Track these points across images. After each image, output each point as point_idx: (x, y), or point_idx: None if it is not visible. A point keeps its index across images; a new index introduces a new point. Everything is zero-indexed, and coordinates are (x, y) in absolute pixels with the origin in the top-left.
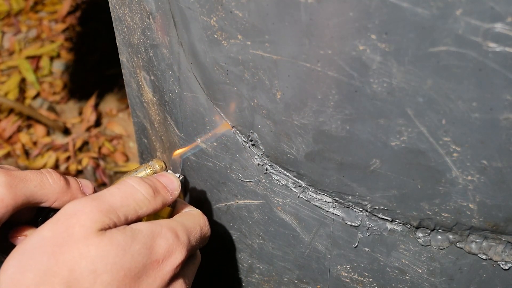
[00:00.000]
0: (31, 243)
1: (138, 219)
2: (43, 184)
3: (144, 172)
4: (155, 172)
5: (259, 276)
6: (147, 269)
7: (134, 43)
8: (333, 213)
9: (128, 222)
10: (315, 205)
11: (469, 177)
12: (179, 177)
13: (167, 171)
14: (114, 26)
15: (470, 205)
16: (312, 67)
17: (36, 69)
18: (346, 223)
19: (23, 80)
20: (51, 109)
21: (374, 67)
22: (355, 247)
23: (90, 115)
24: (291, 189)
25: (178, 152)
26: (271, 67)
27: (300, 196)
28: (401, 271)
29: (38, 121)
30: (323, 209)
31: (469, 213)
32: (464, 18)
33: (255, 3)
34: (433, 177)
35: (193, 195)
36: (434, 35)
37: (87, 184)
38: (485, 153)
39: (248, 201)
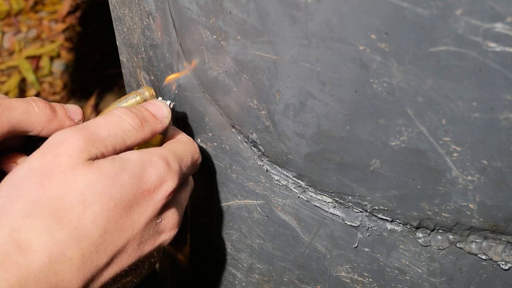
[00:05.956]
0: (19, 174)
1: (128, 149)
2: (29, 112)
3: (134, 99)
4: (145, 100)
5: (259, 276)
6: (138, 198)
7: (134, 43)
8: (333, 214)
9: (117, 152)
10: (315, 205)
11: (469, 177)
12: (169, 105)
13: (157, 98)
14: (114, 26)
15: (470, 205)
16: (312, 67)
17: (36, 69)
18: (346, 223)
19: (23, 80)
20: None
21: (374, 67)
22: (355, 247)
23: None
24: (291, 189)
25: (171, 77)
26: (271, 67)
27: (300, 196)
28: (401, 272)
29: None
30: (323, 209)
31: (469, 213)
32: (464, 18)
33: (255, 3)
34: (433, 177)
35: (193, 195)
36: (434, 35)
37: (74, 110)
38: (485, 153)
39: (248, 201)
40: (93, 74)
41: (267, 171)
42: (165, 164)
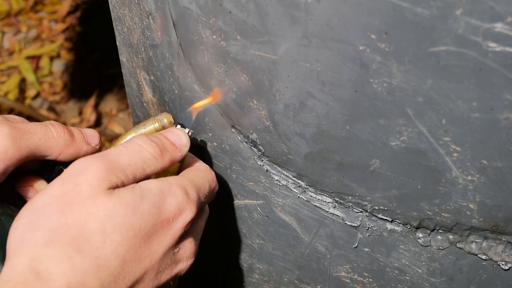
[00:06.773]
0: (39, 202)
1: (147, 178)
2: (47, 137)
3: (152, 126)
4: (163, 127)
5: (259, 276)
6: (157, 228)
7: (134, 43)
8: (333, 214)
9: (137, 181)
10: (315, 206)
11: (469, 177)
12: (188, 133)
13: (175, 126)
14: (114, 26)
15: (470, 205)
16: (311, 67)
17: (36, 69)
18: (346, 223)
19: (23, 80)
20: (51, 109)
21: (374, 67)
22: (355, 247)
23: (90, 115)
24: (291, 189)
25: (196, 106)
26: (271, 67)
27: (300, 196)
28: (401, 272)
29: (38, 121)
30: (323, 210)
31: (469, 213)
32: (464, 18)
33: (255, 3)
34: (433, 177)
35: None
36: (434, 35)
37: (92, 134)
38: (485, 153)
39: (248, 201)
40: (93, 74)
41: (267, 171)
42: (183, 193)
